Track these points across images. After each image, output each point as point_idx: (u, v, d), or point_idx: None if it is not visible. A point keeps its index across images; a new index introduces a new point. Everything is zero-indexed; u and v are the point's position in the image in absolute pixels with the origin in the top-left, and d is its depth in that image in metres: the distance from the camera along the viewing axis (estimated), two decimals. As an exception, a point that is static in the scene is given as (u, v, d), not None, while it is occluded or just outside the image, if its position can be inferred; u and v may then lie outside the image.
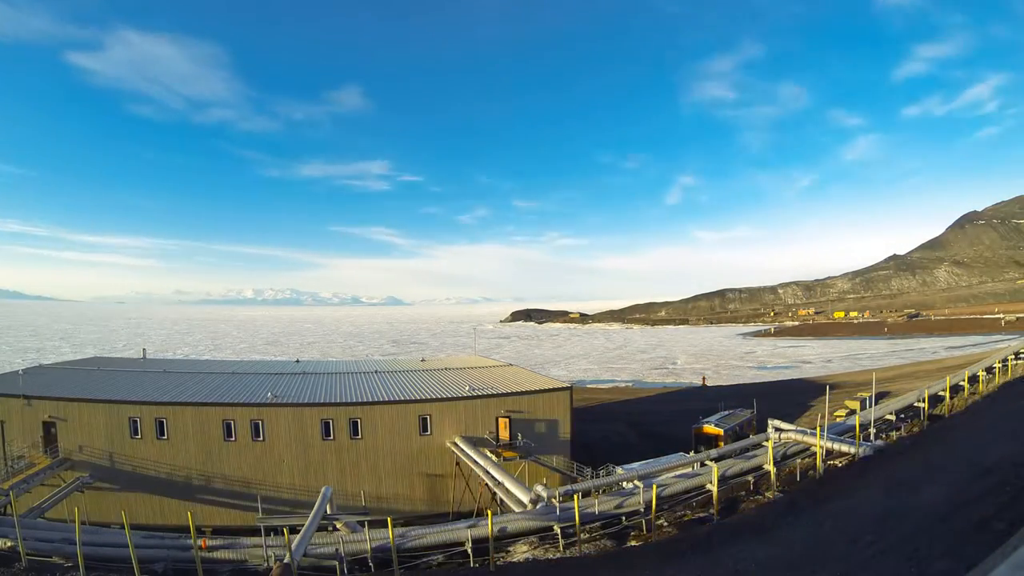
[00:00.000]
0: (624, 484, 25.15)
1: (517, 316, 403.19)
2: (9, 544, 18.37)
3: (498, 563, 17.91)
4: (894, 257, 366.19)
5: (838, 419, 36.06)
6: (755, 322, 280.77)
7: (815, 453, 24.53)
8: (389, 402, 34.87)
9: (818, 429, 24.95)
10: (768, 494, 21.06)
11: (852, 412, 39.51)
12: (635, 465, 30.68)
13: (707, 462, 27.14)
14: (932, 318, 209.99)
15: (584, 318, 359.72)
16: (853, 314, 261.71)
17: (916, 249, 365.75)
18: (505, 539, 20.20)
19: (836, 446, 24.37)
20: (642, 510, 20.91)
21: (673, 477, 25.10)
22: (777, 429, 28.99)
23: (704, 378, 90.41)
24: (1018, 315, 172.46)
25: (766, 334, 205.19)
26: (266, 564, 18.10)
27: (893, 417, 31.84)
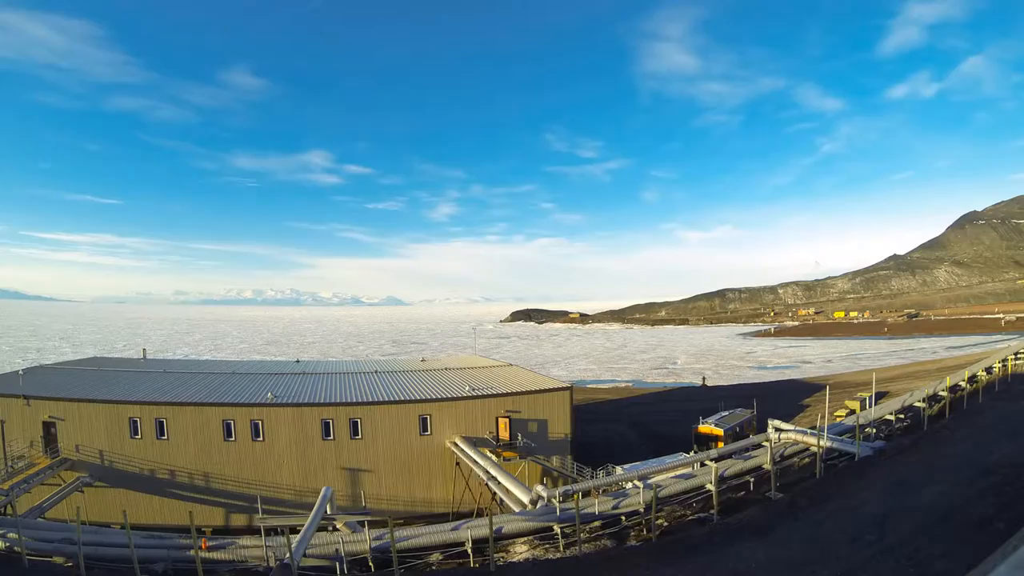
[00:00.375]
0: (624, 484, 25.15)
1: (517, 316, 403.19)
2: (9, 544, 18.36)
3: (498, 563, 17.90)
4: (894, 257, 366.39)
5: (838, 419, 36.05)
6: (755, 322, 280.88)
7: (815, 453, 24.51)
8: (389, 402, 34.86)
9: (818, 429, 24.95)
10: (768, 494, 21.04)
11: (852, 412, 39.53)
12: (635, 465, 30.69)
13: (707, 462, 27.15)
14: (932, 318, 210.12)
15: (584, 318, 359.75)
16: (853, 314, 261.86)
17: (916, 249, 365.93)
18: (505, 539, 20.21)
19: (836, 446, 24.36)
20: (642, 510, 20.90)
21: (673, 477, 25.10)
22: (777, 429, 28.97)
23: (704, 378, 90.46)
24: (1018, 315, 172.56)
25: (766, 334, 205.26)
26: (266, 564, 18.10)
27: (893, 417, 31.83)
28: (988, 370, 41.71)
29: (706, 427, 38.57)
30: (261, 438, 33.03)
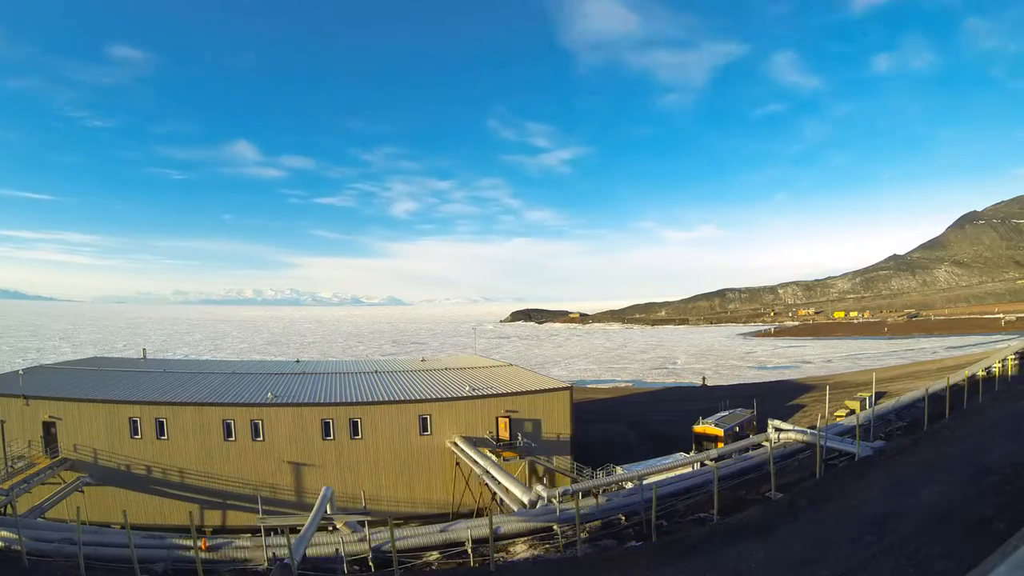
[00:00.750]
0: (624, 484, 25.17)
1: (517, 316, 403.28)
2: (9, 544, 18.36)
3: (498, 563, 17.90)
4: (894, 257, 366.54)
5: (838, 419, 36.10)
6: (755, 322, 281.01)
7: (815, 453, 24.52)
8: (389, 402, 34.87)
9: (818, 429, 24.96)
10: (768, 494, 21.04)
11: (852, 412, 39.55)
12: (635, 465, 30.72)
13: (707, 462, 27.19)
14: (932, 318, 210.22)
15: (584, 318, 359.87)
16: (853, 314, 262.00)
17: (916, 249, 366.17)
18: (505, 539, 20.21)
19: (836, 446, 24.37)
20: (642, 510, 20.91)
21: (673, 477, 25.13)
22: (777, 429, 29.01)
23: (704, 378, 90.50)
24: (1018, 315, 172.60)
25: (766, 334, 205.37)
26: (266, 564, 18.11)
27: (893, 417, 31.85)
28: (988, 370, 41.72)
29: (706, 427, 38.57)
30: (261, 438, 33.02)
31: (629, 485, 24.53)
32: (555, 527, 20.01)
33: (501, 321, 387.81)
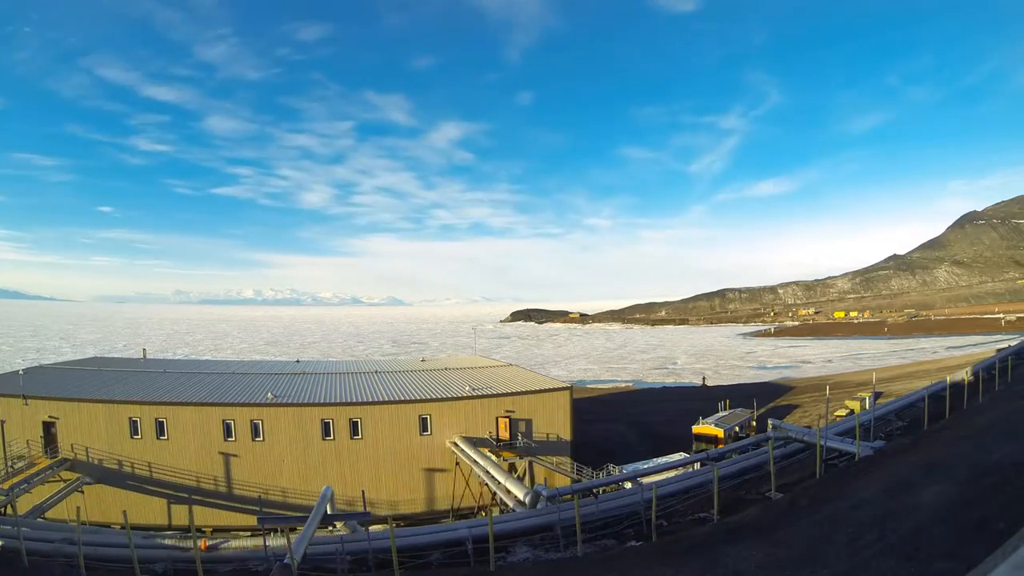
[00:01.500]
0: (624, 484, 25.18)
1: (517, 316, 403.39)
2: (9, 544, 18.36)
3: (498, 563, 17.89)
4: (894, 257, 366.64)
5: (838, 419, 36.08)
6: (755, 322, 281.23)
7: (815, 453, 24.52)
8: (389, 402, 34.87)
9: (818, 429, 24.96)
10: (768, 494, 21.03)
11: (852, 412, 39.57)
12: (635, 465, 30.74)
13: (707, 462, 27.17)
14: (932, 318, 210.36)
15: (584, 318, 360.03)
16: (853, 314, 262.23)
17: (916, 249, 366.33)
18: (505, 538, 20.21)
19: (836, 446, 24.36)
20: (641, 510, 20.90)
21: (673, 477, 25.13)
22: (776, 429, 28.99)
23: (704, 378, 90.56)
24: (1018, 315, 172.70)
25: (766, 334, 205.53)
26: (266, 564, 18.10)
27: (893, 417, 31.82)
28: (988, 370, 41.69)
29: (705, 427, 38.62)
30: (261, 438, 33.02)
31: (629, 485, 24.53)
32: (555, 527, 20.00)
33: (501, 321, 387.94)
